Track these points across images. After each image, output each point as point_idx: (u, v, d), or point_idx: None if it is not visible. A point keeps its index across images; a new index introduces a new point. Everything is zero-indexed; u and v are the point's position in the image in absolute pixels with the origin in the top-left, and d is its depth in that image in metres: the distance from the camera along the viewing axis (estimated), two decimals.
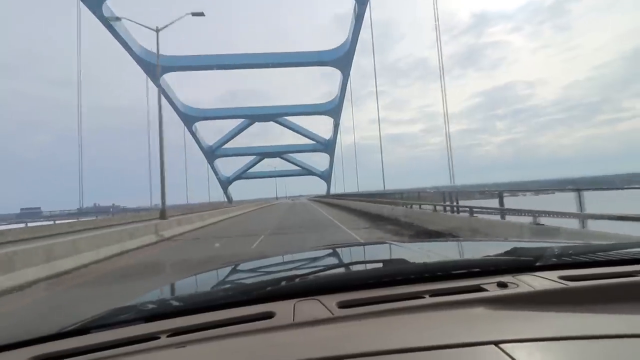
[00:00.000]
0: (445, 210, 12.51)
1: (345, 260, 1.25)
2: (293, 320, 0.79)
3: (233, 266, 1.71)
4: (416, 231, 12.03)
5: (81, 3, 27.44)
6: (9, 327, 4.44)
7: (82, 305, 5.72)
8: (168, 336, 0.79)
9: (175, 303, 0.98)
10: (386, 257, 1.26)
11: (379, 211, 19.51)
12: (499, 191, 9.04)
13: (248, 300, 0.92)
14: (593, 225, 5.98)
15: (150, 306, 0.97)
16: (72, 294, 6.85)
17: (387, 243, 1.88)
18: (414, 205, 15.11)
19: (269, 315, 0.83)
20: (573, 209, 6.44)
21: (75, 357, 0.76)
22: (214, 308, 0.91)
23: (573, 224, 6.39)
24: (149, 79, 35.14)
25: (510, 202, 8.95)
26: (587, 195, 6.45)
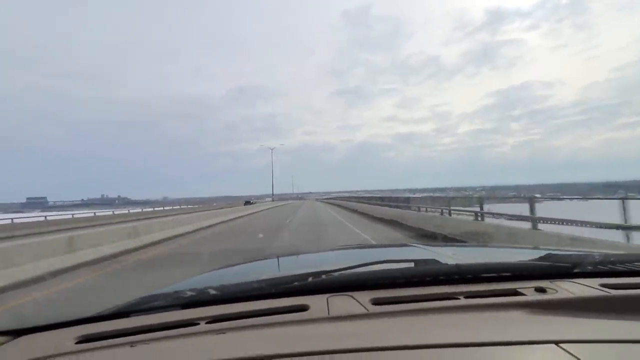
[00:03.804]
0: None
1: (375, 259, 1.17)
2: (328, 314, 0.82)
3: (265, 260, 1.79)
4: None
5: None
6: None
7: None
8: (207, 323, 0.83)
9: (212, 292, 1.00)
10: (416, 257, 1.21)
11: None
12: None
13: (282, 292, 0.96)
14: None
15: (189, 293, 1.00)
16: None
17: (413, 245, 1.86)
18: None
19: (303, 308, 0.86)
20: None
21: (119, 338, 0.81)
22: (249, 299, 0.95)
23: None
24: None
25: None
26: None
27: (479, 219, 9.54)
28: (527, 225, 7.46)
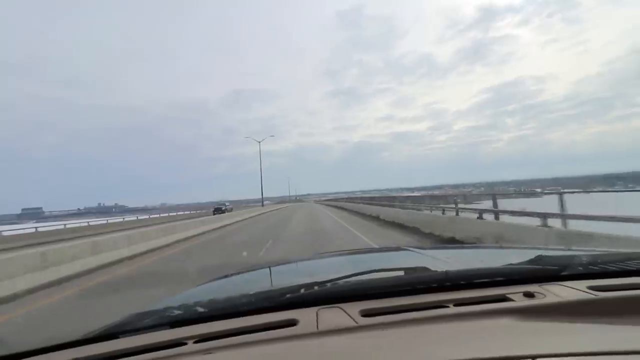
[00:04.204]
0: None
1: (366, 267, 1.16)
2: (317, 328, 0.82)
3: (254, 272, 1.76)
4: None
5: None
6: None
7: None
8: (194, 342, 0.83)
9: (200, 309, 0.99)
10: (407, 264, 1.22)
11: None
12: None
13: (271, 306, 0.95)
14: None
15: (176, 312, 0.99)
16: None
17: (405, 249, 1.83)
18: None
19: (292, 323, 0.85)
20: None
21: None
22: (237, 314, 0.94)
23: None
24: None
25: None
26: None
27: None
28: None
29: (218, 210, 40.53)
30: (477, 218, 8.84)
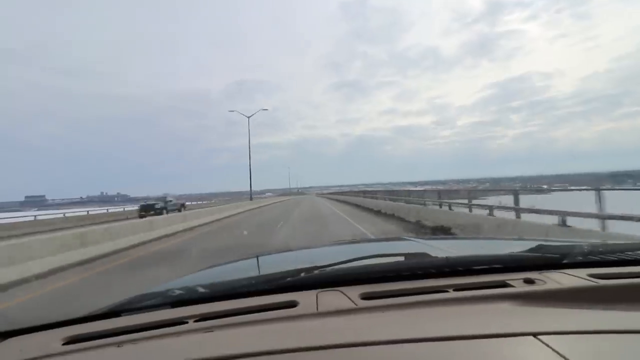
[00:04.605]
0: None
1: (366, 254, 1.17)
2: (317, 309, 0.83)
3: (255, 257, 1.78)
4: None
5: None
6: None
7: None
8: (195, 321, 0.84)
9: (201, 290, 1.01)
10: (407, 251, 1.22)
11: None
12: None
13: (271, 289, 0.96)
14: None
15: (177, 292, 1.01)
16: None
17: (406, 239, 1.86)
18: None
19: (292, 304, 0.87)
20: None
21: (107, 339, 0.81)
22: (238, 296, 0.95)
23: None
24: None
25: None
26: None
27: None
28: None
29: (148, 209, 22.86)
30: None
